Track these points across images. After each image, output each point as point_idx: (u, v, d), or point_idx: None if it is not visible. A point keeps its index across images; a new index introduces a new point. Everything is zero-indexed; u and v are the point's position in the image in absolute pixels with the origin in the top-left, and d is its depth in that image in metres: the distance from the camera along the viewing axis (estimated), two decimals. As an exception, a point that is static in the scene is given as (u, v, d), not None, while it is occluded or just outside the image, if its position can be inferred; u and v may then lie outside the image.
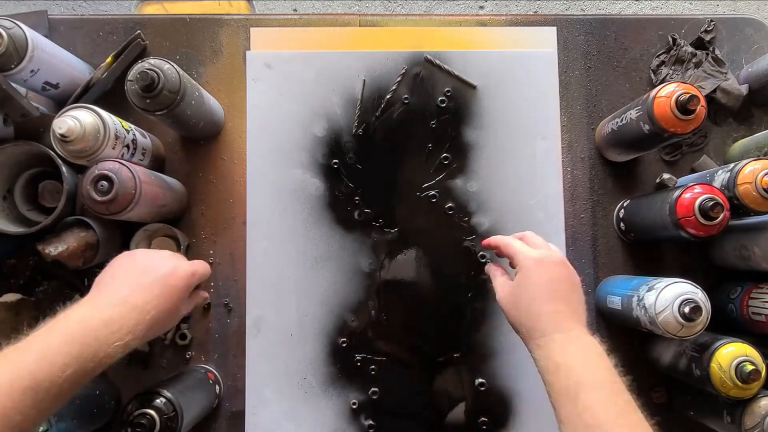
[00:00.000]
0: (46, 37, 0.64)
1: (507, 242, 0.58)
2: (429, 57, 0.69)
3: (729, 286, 0.68)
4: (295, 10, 1.68)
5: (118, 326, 0.46)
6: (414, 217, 0.71)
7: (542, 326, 0.50)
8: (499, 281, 0.57)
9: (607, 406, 0.44)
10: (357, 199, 0.71)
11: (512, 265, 0.56)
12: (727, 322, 0.66)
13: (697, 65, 0.74)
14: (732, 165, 0.61)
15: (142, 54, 0.73)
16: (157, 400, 0.54)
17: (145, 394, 0.55)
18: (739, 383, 0.55)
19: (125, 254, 0.55)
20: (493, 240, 0.61)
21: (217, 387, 0.67)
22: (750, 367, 0.54)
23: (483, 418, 0.68)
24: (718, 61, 0.74)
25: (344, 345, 0.69)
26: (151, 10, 1.19)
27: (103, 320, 0.46)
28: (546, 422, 0.68)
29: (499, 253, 0.60)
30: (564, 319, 0.50)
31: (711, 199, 0.56)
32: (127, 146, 0.61)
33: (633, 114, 0.63)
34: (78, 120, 0.54)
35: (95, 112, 0.56)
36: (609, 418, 0.43)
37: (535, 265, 0.53)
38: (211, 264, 0.71)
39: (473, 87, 0.72)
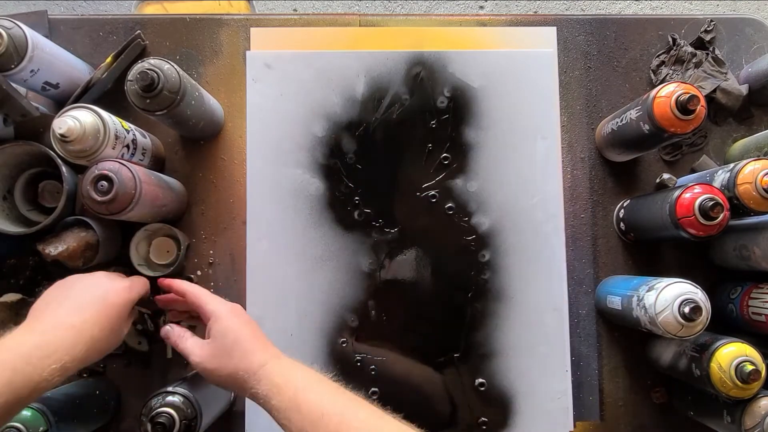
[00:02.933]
0: (46, 37, 0.64)
1: (195, 293, 0.57)
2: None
3: (729, 286, 0.68)
4: (295, 10, 1.68)
5: (54, 349, 0.45)
6: (414, 217, 0.71)
7: (256, 361, 0.51)
8: (190, 344, 0.55)
9: (323, 397, 0.48)
10: (357, 199, 0.71)
11: (200, 316, 0.56)
12: (727, 322, 0.66)
13: (697, 65, 0.74)
14: (732, 165, 0.61)
15: (142, 54, 0.73)
16: (177, 399, 0.54)
17: (166, 393, 0.55)
18: (739, 383, 0.55)
19: (59, 282, 0.54)
20: (176, 285, 0.59)
21: (232, 394, 0.67)
22: (750, 367, 0.54)
23: (483, 418, 0.68)
24: (718, 61, 0.74)
25: (344, 345, 0.69)
26: (151, 10, 1.19)
27: (36, 344, 0.45)
28: (546, 422, 0.69)
29: (177, 301, 0.59)
30: (269, 352, 0.53)
31: (711, 199, 0.56)
32: (127, 146, 0.61)
33: (633, 114, 0.63)
34: (78, 120, 0.54)
35: (95, 112, 0.56)
36: (327, 405, 0.47)
37: (230, 313, 0.55)
38: (210, 264, 0.71)
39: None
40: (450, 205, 0.71)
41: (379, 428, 0.46)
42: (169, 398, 0.54)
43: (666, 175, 0.68)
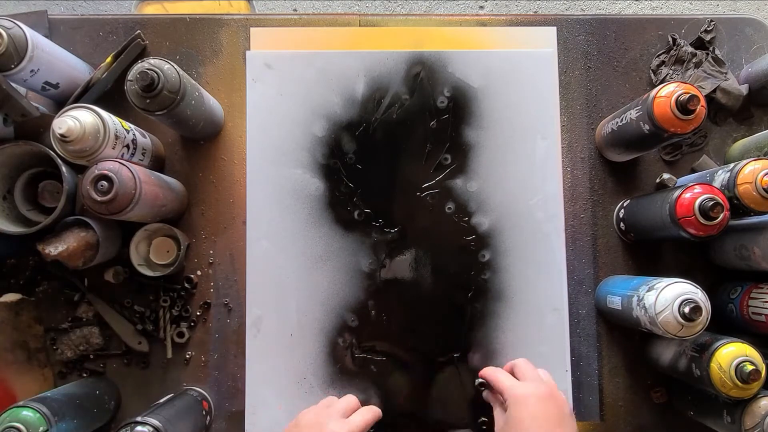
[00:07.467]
0: (46, 37, 0.64)
1: (496, 377, 0.60)
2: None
3: (729, 286, 0.68)
4: (295, 10, 1.68)
5: None
6: (414, 217, 0.71)
7: None
8: (497, 415, 0.59)
9: None
10: (357, 199, 0.71)
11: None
12: (727, 322, 0.66)
13: (697, 65, 0.74)
14: (732, 165, 0.61)
15: (142, 54, 0.73)
16: (146, 429, 0.53)
17: (135, 423, 0.54)
18: (739, 383, 0.55)
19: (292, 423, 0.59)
20: (485, 373, 0.63)
21: (208, 418, 0.66)
22: (750, 367, 0.54)
23: (483, 418, 0.68)
24: (718, 61, 0.74)
25: (344, 345, 0.69)
26: (151, 10, 1.19)
27: None
28: (546, 422, 0.68)
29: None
30: None
31: (711, 199, 0.56)
32: (127, 146, 0.61)
33: (633, 114, 0.63)
34: (78, 120, 0.54)
35: (95, 112, 0.56)
36: None
37: (520, 403, 0.55)
38: (210, 264, 0.71)
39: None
40: (450, 205, 0.71)
41: None
42: (138, 428, 0.53)
43: (666, 175, 0.68)
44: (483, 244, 0.71)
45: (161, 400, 0.62)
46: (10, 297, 0.67)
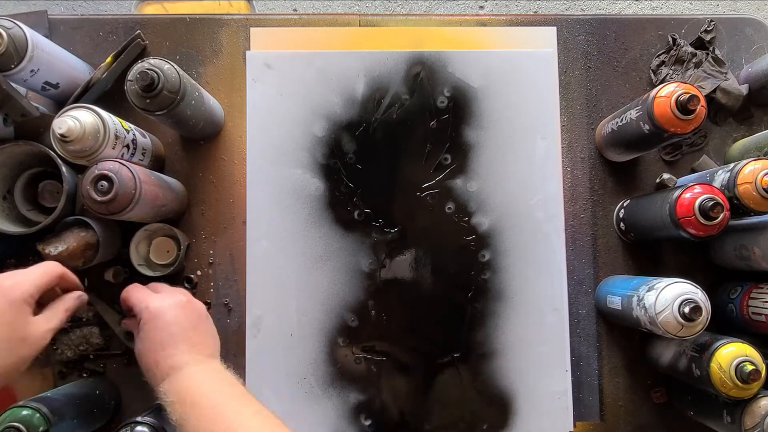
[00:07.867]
0: (46, 37, 0.64)
1: (128, 294, 0.58)
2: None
3: (729, 286, 0.68)
4: (295, 10, 1.68)
5: None
6: (414, 217, 0.71)
7: (159, 374, 0.52)
8: (137, 338, 0.56)
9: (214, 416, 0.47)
10: (357, 199, 0.71)
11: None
12: (727, 322, 0.66)
13: (697, 65, 0.74)
14: (732, 165, 0.61)
15: (142, 54, 0.73)
16: (146, 429, 0.54)
17: (134, 423, 0.54)
18: (739, 383, 0.55)
19: None
20: (123, 296, 0.59)
21: None
22: (750, 367, 0.54)
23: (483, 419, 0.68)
24: (718, 61, 0.74)
25: (344, 345, 0.69)
26: (151, 10, 1.19)
27: None
28: (546, 422, 0.69)
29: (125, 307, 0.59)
30: (174, 363, 0.52)
31: (711, 199, 0.56)
32: (127, 146, 0.61)
33: (633, 114, 0.63)
34: (78, 120, 0.54)
35: (95, 112, 0.56)
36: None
37: (149, 317, 0.54)
38: (210, 264, 0.71)
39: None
40: (450, 205, 0.71)
41: None
42: (138, 428, 0.53)
43: (666, 175, 0.68)
44: (483, 244, 0.71)
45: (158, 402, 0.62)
46: (10, 297, 0.67)
